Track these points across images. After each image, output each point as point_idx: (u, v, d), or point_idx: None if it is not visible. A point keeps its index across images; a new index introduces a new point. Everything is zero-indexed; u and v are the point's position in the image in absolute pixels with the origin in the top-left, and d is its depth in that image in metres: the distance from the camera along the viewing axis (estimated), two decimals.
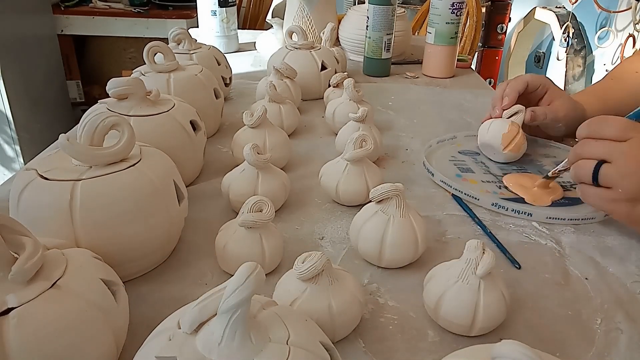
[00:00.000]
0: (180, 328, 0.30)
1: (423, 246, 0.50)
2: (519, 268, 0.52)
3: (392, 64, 1.15)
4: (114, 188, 0.43)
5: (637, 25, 2.04)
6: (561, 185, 0.65)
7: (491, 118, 0.73)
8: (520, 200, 0.62)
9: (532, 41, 2.79)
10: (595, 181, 0.50)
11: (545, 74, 2.97)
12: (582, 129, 0.52)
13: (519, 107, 0.71)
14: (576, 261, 0.53)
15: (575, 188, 0.65)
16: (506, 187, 0.65)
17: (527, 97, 0.73)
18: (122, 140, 0.45)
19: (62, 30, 2.18)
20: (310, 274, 0.39)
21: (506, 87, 0.72)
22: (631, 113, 0.53)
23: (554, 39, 2.48)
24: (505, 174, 0.69)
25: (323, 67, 0.95)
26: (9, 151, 1.94)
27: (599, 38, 2.26)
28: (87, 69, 2.44)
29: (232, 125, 0.83)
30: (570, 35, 2.31)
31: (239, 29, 1.30)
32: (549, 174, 0.62)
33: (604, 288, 0.49)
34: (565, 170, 0.60)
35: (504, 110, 0.71)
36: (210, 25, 1.21)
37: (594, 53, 2.33)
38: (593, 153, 0.50)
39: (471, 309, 0.40)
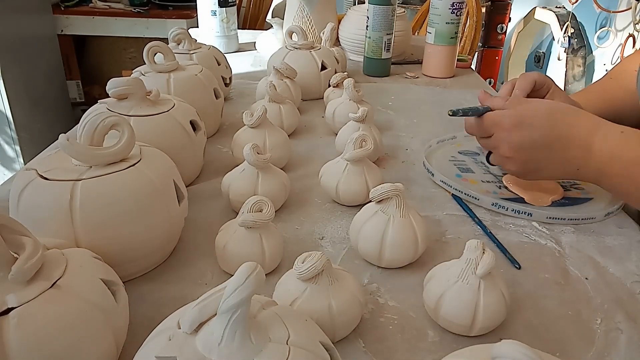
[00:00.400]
0: (180, 328, 0.30)
1: (423, 246, 0.50)
2: (519, 268, 0.52)
3: (392, 64, 1.15)
4: (114, 188, 0.43)
5: (637, 25, 2.04)
6: (561, 186, 0.65)
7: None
8: (520, 200, 0.62)
9: (532, 41, 2.79)
10: (489, 162, 0.63)
11: (545, 74, 2.97)
12: (471, 129, 0.63)
13: None
14: (576, 261, 0.53)
15: (575, 188, 0.66)
16: (506, 187, 0.65)
17: (529, 96, 0.72)
18: (122, 140, 0.45)
19: (62, 30, 2.18)
20: (310, 274, 0.39)
21: (512, 87, 0.70)
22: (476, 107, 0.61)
23: (554, 39, 2.48)
24: (505, 173, 0.69)
25: (323, 67, 0.95)
26: (9, 151, 1.94)
27: (598, 38, 2.26)
28: (87, 69, 2.44)
29: (232, 125, 0.83)
30: (570, 35, 2.31)
31: (239, 29, 1.30)
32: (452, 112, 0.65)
33: (604, 288, 0.49)
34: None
35: None
36: (210, 25, 1.21)
37: (594, 53, 2.33)
38: (483, 146, 0.63)
39: (471, 309, 0.40)
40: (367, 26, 1.06)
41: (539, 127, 0.55)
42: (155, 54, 0.70)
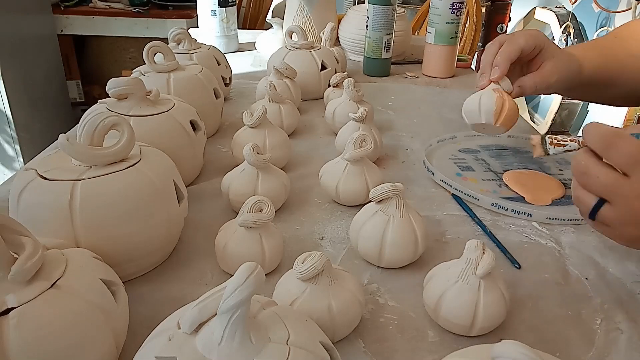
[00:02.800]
0: (180, 328, 0.30)
1: (423, 246, 0.50)
2: (519, 268, 0.52)
3: (392, 64, 1.15)
4: (114, 188, 0.43)
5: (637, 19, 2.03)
6: (563, 183, 0.65)
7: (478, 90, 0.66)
8: (520, 200, 0.62)
9: None
10: (593, 219, 0.44)
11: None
12: (591, 138, 0.42)
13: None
14: (576, 261, 0.53)
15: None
16: (506, 186, 0.65)
17: (519, 59, 0.65)
18: (122, 140, 0.45)
19: (62, 30, 2.18)
20: (310, 274, 0.39)
21: (497, 53, 0.64)
22: None
23: (553, 39, 2.48)
24: (506, 170, 0.69)
25: (323, 67, 0.95)
26: (9, 151, 1.94)
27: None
28: (87, 69, 2.44)
29: (232, 125, 0.83)
30: (570, 35, 2.31)
31: (239, 29, 1.30)
32: (550, 138, 0.53)
33: (604, 288, 0.49)
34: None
35: (492, 82, 0.64)
36: (210, 25, 1.21)
37: None
38: (593, 189, 0.43)
39: (471, 309, 0.40)
40: (367, 26, 1.06)
41: None
42: (155, 54, 0.70)
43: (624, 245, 0.46)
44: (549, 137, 0.53)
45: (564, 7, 2.44)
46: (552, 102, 2.73)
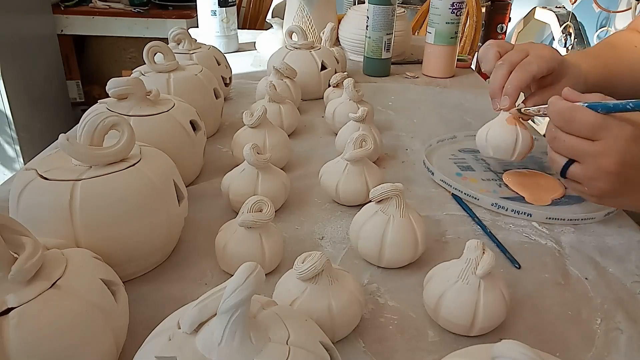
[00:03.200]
0: (180, 328, 0.30)
1: (423, 246, 0.50)
2: (519, 268, 0.52)
3: (392, 64, 1.15)
4: (114, 188, 0.43)
5: (629, 26, 2.04)
6: (562, 183, 0.65)
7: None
8: (520, 199, 0.62)
9: (532, 41, 2.79)
10: (564, 176, 0.50)
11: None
12: (552, 116, 0.49)
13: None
14: (576, 261, 0.53)
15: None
16: (506, 185, 0.65)
17: (532, 88, 0.67)
18: (122, 140, 0.45)
19: (62, 30, 2.18)
20: (310, 274, 0.39)
21: (507, 75, 0.63)
22: (616, 102, 0.46)
23: (554, 39, 2.48)
24: (506, 170, 0.69)
25: (323, 67, 0.95)
26: (9, 151, 1.94)
27: (598, 38, 2.26)
28: (87, 69, 2.44)
29: (232, 125, 0.83)
30: (570, 35, 2.31)
31: (239, 29, 1.30)
32: (522, 109, 0.59)
33: (604, 288, 0.49)
34: (538, 114, 0.58)
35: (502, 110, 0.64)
36: (210, 25, 1.21)
37: None
38: (562, 151, 0.49)
39: (471, 309, 0.40)
40: (367, 26, 1.06)
41: None
42: (155, 54, 0.70)
43: (595, 202, 0.52)
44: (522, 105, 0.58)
45: (564, 7, 2.44)
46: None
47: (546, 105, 0.53)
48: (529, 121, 0.63)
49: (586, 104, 0.47)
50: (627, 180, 0.48)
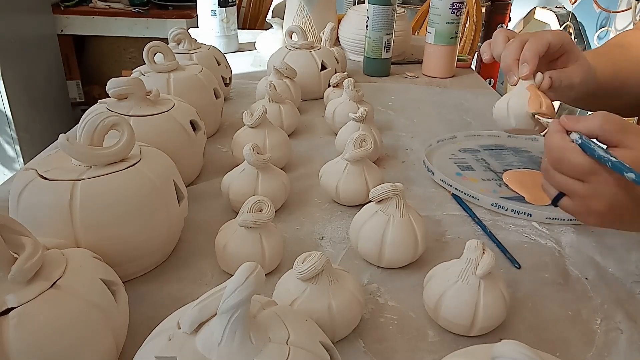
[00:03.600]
0: (180, 328, 0.30)
1: (423, 246, 0.50)
2: (519, 268, 0.52)
3: (392, 64, 1.15)
4: (114, 188, 0.43)
5: (637, 25, 2.04)
6: None
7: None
8: (520, 199, 0.62)
9: None
10: (555, 206, 0.49)
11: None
12: (546, 153, 0.48)
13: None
14: (576, 261, 0.53)
15: None
16: (506, 185, 0.65)
17: (544, 57, 0.61)
18: (122, 140, 0.45)
19: (62, 30, 2.18)
20: (310, 274, 0.39)
21: (520, 49, 0.59)
22: (601, 155, 0.45)
23: None
24: (506, 170, 0.69)
25: (323, 67, 0.95)
26: (9, 151, 1.94)
27: (598, 38, 2.26)
28: (87, 69, 2.44)
29: (232, 125, 0.83)
30: (571, 35, 2.31)
31: (239, 29, 1.30)
32: (535, 115, 0.56)
33: (604, 288, 0.49)
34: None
35: (523, 79, 0.59)
36: (210, 25, 1.20)
37: None
38: (554, 185, 0.49)
39: (471, 309, 0.40)
40: (367, 26, 1.06)
41: None
42: (155, 54, 0.70)
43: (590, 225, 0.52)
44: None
45: (564, 7, 2.44)
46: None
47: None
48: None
49: (579, 142, 0.46)
50: (619, 219, 0.47)
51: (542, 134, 0.58)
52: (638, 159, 0.45)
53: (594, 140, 0.46)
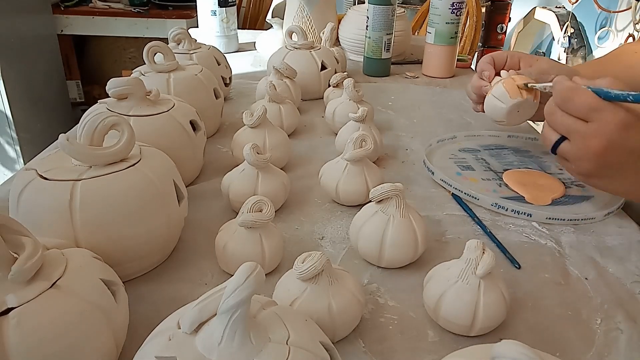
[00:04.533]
0: (180, 328, 0.30)
1: (423, 246, 0.50)
2: (519, 268, 0.52)
3: (392, 64, 1.15)
4: (114, 188, 0.43)
5: (637, 25, 2.04)
6: (563, 183, 0.65)
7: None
8: (521, 199, 0.62)
9: (532, 41, 2.79)
10: (554, 152, 0.54)
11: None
12: (554, 93, 0.52)
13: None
14: (576, 261, 0.53)
15: (576, 186, 0.65)
16: (506, 185, 0.65)
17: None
18: (122, 140, 0.45)
19: (62, 30, 2.18)
20: (310, 274, 0.39)
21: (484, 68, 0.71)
22: (618, 92, 0.47)
23: (553, 39, 2.48)
24: (506, 170, 0.69)
25: (323, 67, 0.95)
26: (10, 151, 1.94)
27: (599, 38, 2.26)
28: (87, 69, 2.45)
29: (232, 125, 0.83)
30: (570, 35, 2.31)
31: (239, 29, 1.30)
32: (529, 84, 0.62)
33: (604, 288, 0.49)
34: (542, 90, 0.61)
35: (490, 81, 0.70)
36: (210, 25, 1.21)
37: (594, 53, 2.33)
38: (556, 127, 0.52)
39: (471, 309, 0.40)
40: (367, 26, 1.06)
41: None
42: (155, 54, 0.70)
43: (581, 180, 0.55)
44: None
45: (564, 7, 2.44)
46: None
47: (551, 84, 0.55)
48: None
49: (590, 88, 0.49)
50: (610, 164, 0.50)
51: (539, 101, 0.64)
52: None
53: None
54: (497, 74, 0.70)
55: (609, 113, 0.48)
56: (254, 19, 2.26)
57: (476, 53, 2.32)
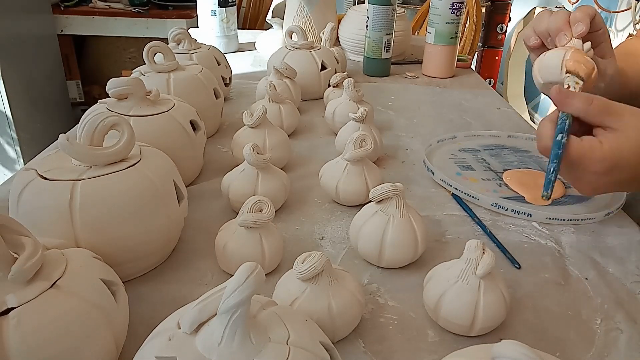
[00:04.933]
0: (180, 328, 0.30)
1: (423, 246, 0.50)
2: (519, 268, 0.52)
3: (392, 64, 1.15)
4: (114, 188, 0.43)
5: (637, 25, 2.04)
6: (563, 183, 0.65)
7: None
8: (521, 199, 0.62)
9: None
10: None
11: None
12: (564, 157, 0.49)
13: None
14: (576, 261, 0.53)
15: None
16: (506, 185, 0.65)
17: (587, 38, 0.58)
18: (122, 140, 0.45)
19: (62, 30, 2.18)
20: (310, 274, 0.39)
21: (565, 18, 0.57)
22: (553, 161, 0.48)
23: None
24: (506, 170, 0.69)
25: (323, 67, 0.95)
26: (11, 153, 1.94)
27: None
28: (87, 69, 2.44)
29: (232, 125, 0.83)
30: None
31: (239, 29, 1.30)
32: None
33: (604, 288, 0.49)
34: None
35: (577, 38, 0.56)
36: (210, 25, 1.20)
37: None
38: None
39: (471, 309, 0.40)
40: (367, 26, 1.06)
41: (631, 168, 0.48)
42: (155, 54, 0.70)
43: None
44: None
45: (564, 7, 2.44)
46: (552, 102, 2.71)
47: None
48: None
49: (559, 123, 0.49)
50: (607, 190, 0.51)
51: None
52: (620, 140, 0.47)
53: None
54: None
55: (590, 161, 0.48)
56: (254, 19, 2.26)
57: (476, 53, 2.32)
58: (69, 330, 0.32)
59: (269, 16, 2.23)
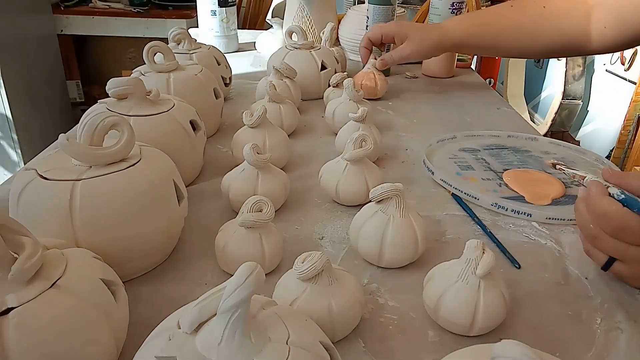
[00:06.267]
0: (180, 328, 0.30)
1: (423, 246, 0.50)
2: (519, 268, 0.52)
3: None
4: (114, 188, 0.43)
5: None
6: (563, 183, 0.65)
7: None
8: (521, 199, 0.62)
9: None
10: (606, 270, 0.48)
11: (545, 74, 2.97)
12: (600, 219, 0.45)
13: None
14: (576, 261, 0.53)
15: (576, 185, 0.65)
16: (506, 185, 0.65)
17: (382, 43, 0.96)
18: (122, 140, 0.45)
19: (62, 30, 2.18)
20: (310, 274, 0.39)
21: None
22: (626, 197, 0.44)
23: None
24: (506, 169, 0.69)
25: (323, 67, 0.95)
26: (10, 152, 1.94)
27: None
28: (87, 69, 2.45)
29: (232, 125, 0.83)
30: None
31: (238, 29, 1.30)
32: (557, 166, 0.58)
33: (604, 288, 0.49)
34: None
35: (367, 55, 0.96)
36: (210, 25, 1.21)
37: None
38: (606, 251, 0.47)
39: (471, 309, 0.40)
40: (367, 26, 1.06)
41: None
42: (155, 54, 0.70)
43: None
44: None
45: None
46: (552, 102, 2.72)
47: (583, 175, 0.52)
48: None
49: (621, 197, 0.44)
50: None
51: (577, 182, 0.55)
52: None
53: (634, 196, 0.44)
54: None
55: None
56: (254, 19, 2.26)
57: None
58: (68, 330, 0.32)
59: (269, 16, 2.23)
